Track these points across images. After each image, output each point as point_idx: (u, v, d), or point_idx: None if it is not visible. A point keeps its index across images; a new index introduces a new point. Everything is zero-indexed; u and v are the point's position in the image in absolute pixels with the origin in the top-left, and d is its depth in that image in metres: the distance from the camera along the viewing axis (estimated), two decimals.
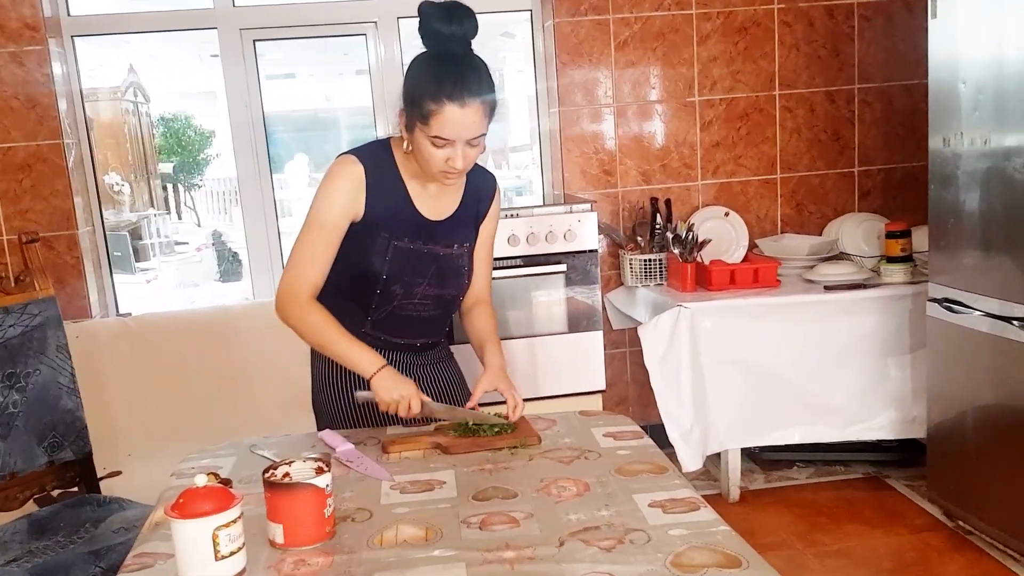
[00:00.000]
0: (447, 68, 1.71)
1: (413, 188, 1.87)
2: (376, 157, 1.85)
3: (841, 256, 3.46)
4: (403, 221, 1.85)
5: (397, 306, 1.89)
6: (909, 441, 3.32)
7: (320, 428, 1.98)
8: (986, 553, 2.76)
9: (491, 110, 1.75)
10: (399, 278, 1.86)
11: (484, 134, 1.75)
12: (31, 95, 3.26)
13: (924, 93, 2.89)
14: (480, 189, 1.97)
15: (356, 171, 1.81)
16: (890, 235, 3.20)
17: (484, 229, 2.00)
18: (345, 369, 1.86)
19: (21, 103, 3.26)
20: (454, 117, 1.69)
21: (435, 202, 1.90)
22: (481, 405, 1.84)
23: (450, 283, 1.93)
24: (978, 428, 2.75)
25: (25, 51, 3.23)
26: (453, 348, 2.14)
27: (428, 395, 1.82)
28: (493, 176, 2.03)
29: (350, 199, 1.81)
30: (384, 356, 1.81)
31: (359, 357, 1.78)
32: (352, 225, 1.82)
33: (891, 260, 3.19)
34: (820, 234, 3.68)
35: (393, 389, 1.74)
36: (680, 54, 3.59)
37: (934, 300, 2.85)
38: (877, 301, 3.11)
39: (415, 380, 1.82)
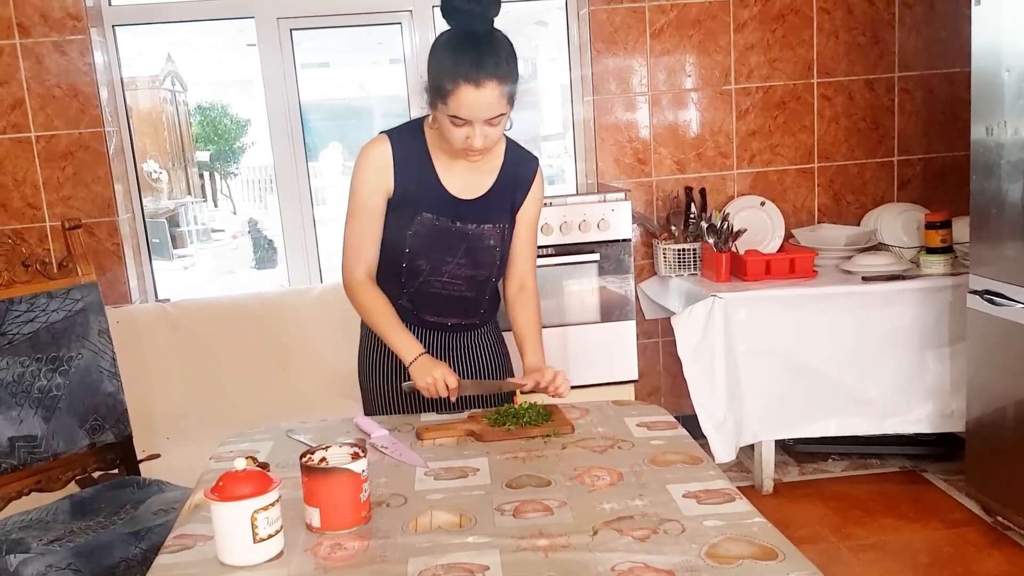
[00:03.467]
0: (465, 47, 1.72)
1: (441, 165, 1.89)
2: (405, 135, 1.91)
3: (879, 247, 3.41)
4: (430, 197, 1.88)
5: (425, 282, 1.93)
6: (947, 435, 3.27)
7: (367, 412, 2.05)
8: None
9: (511, 90, 1.74)
10: (424, 253, 1.90)
11: (503, 114, 1.75)
12: (73, 84, 3.31)
13: (966, 81, 2.83)
14: (519, 171, 1.95)
15: (383, 148, 1.87)
16: (930, 225, 3.15)
17: (524, 212, 1.97)
18: (390, 356, 1.94)
19: (64, 92, 3.31)
20: (469, 98, 1.70)
21: (466, 180, 1.91)
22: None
23: (481, 263, 1.95)
24: (1019, 422, 2.70)
25: (68, 40, 3.28)
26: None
27: (461, 376, 1.88)
28: (535, 159, 1.99)
29: (379, 176, 1.87)
30: (419, 334, 1.90)
31: (400, 343, 1.87)
32: (388, 201, 1.89)
33: (931, 251, 3.14)
34: (858, 224, 3.63)
35: (427, 373, 1.81)
36: (716, 42, 3.55)
37: (975, 292, 2.80)
38: (916, 292, 3.07)
39: (449, 361, 1.92)
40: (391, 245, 1.92)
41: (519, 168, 1.96)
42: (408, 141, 1.89)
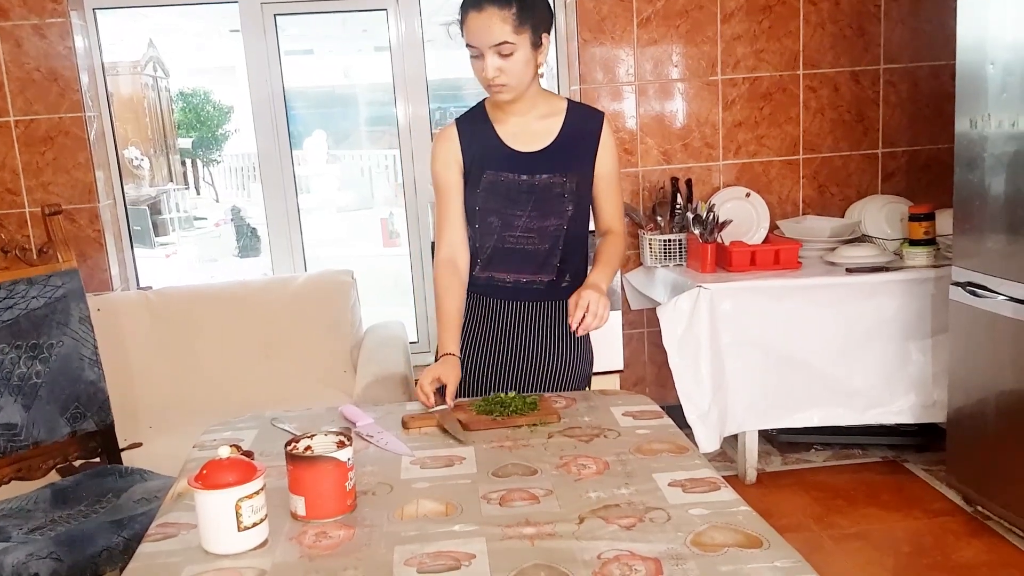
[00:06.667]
0: None
1: (501, 125, 1.99)
2: (468, 112, 2.05)
3: (863, 238, 3.43)
4: (493, 155, 1.97)
5: (498, 239, 2.00)
6: (928, 426, 3.30)
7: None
8: (1004, 538, 2.75)
9: (518, 17, 1.81)
10: (494, 209, 1.98)
11: (509, 42, 1.81)
12: (53, 68, 3.27)
13: (951, 74, 2.85)
14: (582, 125, 2.00)
15: (449, 130, 2.02)
16: (913, 218, 3.17)
17: (600, 166, 2.01)
18: (474, 339, 2.07)
19: (43, 76, 3.27)
20: (472, 23, 1.82)
21: (526, 134, 1.98)
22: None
23: (551, 213, 1.99)
24: (999, 413, 2.73)
25: (47, 23, 3.23)
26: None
27: (535, 352, 2.05)
28: (600, 113, 2.04)
29: (448, 153, 2.00)
30: (494, 307, 2.04)
31: (442, 336, 1.96)
32: (464, 175, 2.00)
33: (914, 243, 3.16)
34: (842, 216, 3.65)
35: (431, 371, 1.86)
36: (703, 32, 3.55)
37: (957, 284, 2.83)
38: (899, 284, 3.09)
39: (525, 340, 2.05)
40: (469, 209, 2.02)
41: (583, 122, 2.00)
42: (470, 115, 2.03)
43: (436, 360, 1.94)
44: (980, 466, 2.85)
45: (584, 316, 1.81)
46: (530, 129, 1.98)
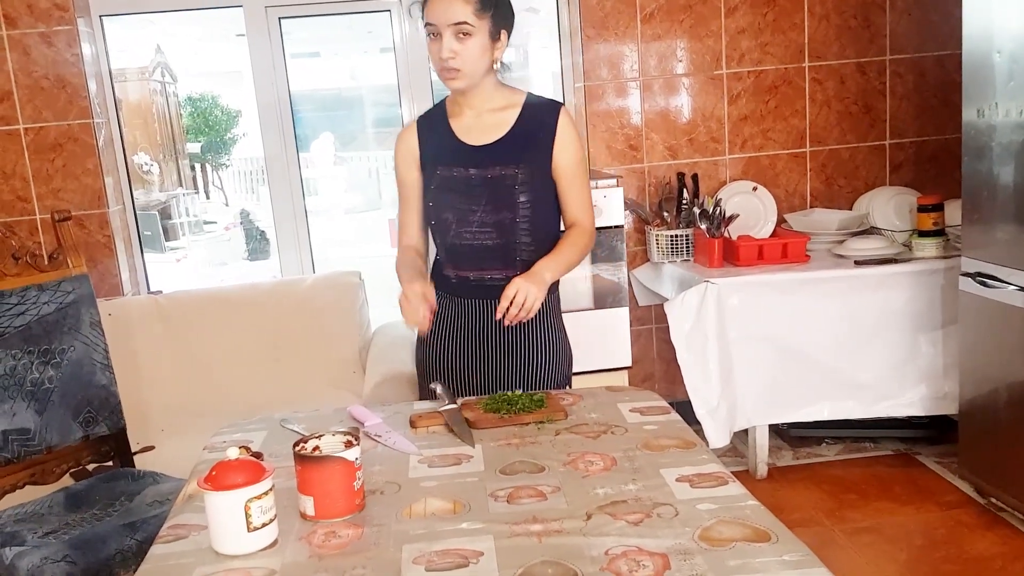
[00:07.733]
0: None
1: (455, 119, 2.01)
2: (431, 108, 2.09)
3: (872, 230, 3.41)
4: (446, 150, 1.99)
5: (455, 235, 2.00)
6: (940, 418, 3.28)
7: (421, 385, 2.15)
8: (1018, 530, 2.74)
9: (481, 1, 1.83)
10: (449, 205, 1.99)
11: (469, 23, 1.83)
12: (61, 75, 3.29)
13: (957, 64, 2.83)
14: (538, 116, 1.98)
15: (410, 127, 2.06)
16: (922, 209, 3.15)
17: (558, 157, 1.97)
18: (446, 341, 2.07)
19: (51, 83, 3.29)
20: (434, 2, 1.85)
21: (480, 128, 1.98)
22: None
23: (504, 207, 1.96)
24: (1011, 404, 2.71)
25: (54, 31, 3.26)
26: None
27: (507, 352, 2.04)
28: (558, 104, 2.02)
29: (407, 152, 2.04)
30: (465, 307, 2.04)
31: (404, 279, 1.96)
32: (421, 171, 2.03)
33: (923, 234, 3.14)
34: (850, 208, 3.63)
35: (412, 287, 1.87)
36: (707, 26, 3.54)
37: (967, 274, 2.81)
38: (908, 276, 3.07)
39: (497, 340, 2.03)
40: (425, 206, 2.04)
41: (538, 113, 1.99)
42: (430, 113, 2.07)
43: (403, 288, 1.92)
44: (993, 457, 2.84)
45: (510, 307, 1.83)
46: (483, 123, 1.97)
